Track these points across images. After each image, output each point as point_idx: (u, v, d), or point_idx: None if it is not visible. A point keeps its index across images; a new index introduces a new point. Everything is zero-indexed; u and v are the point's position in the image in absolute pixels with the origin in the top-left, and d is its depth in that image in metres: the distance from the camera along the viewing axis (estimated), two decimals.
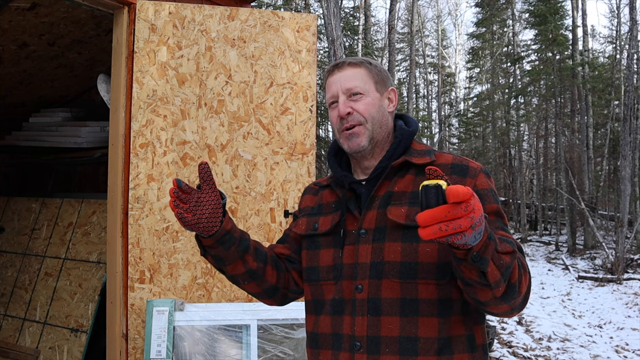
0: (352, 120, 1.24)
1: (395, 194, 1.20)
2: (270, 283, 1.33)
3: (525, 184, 19.82)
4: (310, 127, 3.00)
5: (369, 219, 1.20)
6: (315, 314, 1.27)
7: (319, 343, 1.23)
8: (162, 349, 2.52)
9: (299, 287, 1.38)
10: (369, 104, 1.25)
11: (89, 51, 3.93)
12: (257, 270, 1.30)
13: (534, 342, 5.78)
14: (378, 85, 1.28)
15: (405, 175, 1.22)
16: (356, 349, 1.14)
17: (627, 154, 11.17)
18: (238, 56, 2.91)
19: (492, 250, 0.94)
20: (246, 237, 1.29)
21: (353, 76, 1.26)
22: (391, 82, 1.33)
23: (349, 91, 1.25)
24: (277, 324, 2.68)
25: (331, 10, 7.08)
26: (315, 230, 1.30)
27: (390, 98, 1.30)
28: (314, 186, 1.42)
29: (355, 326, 1.15)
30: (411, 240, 1.14)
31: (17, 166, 4.80)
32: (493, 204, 1.17)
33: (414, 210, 1.15)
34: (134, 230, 2.73)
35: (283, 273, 1.36)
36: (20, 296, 3.60)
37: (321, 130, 18.46)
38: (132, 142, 2.76)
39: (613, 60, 17.83)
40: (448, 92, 28.31)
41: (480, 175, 1.19)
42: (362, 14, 19.47)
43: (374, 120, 1.25)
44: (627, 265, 10.16)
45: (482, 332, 1.19)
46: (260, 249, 1.32)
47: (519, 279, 1.02)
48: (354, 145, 1.24)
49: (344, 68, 1.27)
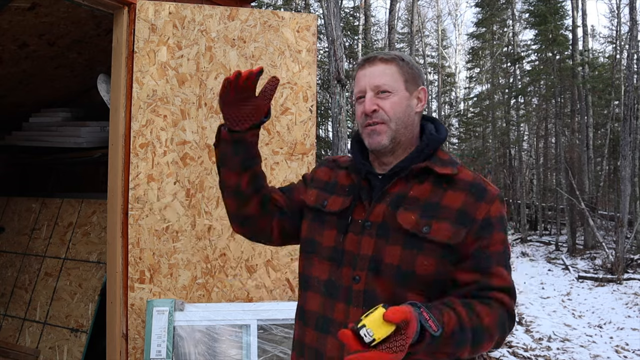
0: (376, 117, 1.23)
1: (409, 198, 1.19)
2: (246, 211, 1.34)
3: (525, 184, 19.82)
4: (310, 127, 3.00)
5: (376, 212, 1.20)
6: (303, 290, 1.29)
7: (306, 320, 1.26)
8: (162, 349, 2.52)
9: (271, 235, 1.39)
10: (396, 103, 1.23)
11: (89, 51, 3.93)
12: (243, 192, 1.32)
13: (534, 342, 5.78)
14: (408, 84, 1.25)
15: (424, 181, 1.21)
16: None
17: (627, 154, 11.17)
18: (238, 56, 2.91)
19: (427, 352, 0.99)
20: (257, 161, 1.32)
21: (383, 72, 1.24)
22: (422, 81, 1.30)
23: (378, 88, 1.23)
24: (277, 324, 2.68)
25: (331, 10, 7.08)
26: (323, 207, 1.29)
27: (419, 97, 1.28)
28: (332, 161, 1.40)
29: (350, 316, 1.17)
30: (412, 248, 1.15)
31: (17, 166, 4.80)
32: (501, 233, 1.19)
33: (424, 221, 1.16)
34: (134, 230, 2.73)
35: (266, 214, 1.36)
36: (20, 296, 3.60)
37: (321, 130, 18.46)
38: (132, 142, 2.76)
39: (613, 60, 17.83)
40: (448, 92, 28.32)
41: (496, 202, 1.20)
42: (362, 14, 19.48)
43: (398, 120, 1.23)
44: (627, 265, 10.16)
45: None
46: (260, 180, 1.34)
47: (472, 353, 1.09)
48: (374, 142, 1.24)
49: (375, 63, 1.25)
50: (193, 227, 2.82)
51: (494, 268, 1.15)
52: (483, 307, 1.10)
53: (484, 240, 1.16)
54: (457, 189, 1.19)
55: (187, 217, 2.81)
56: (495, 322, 1.10)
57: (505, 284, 1.15)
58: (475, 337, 1.06)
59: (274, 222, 1.37)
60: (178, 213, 2.80)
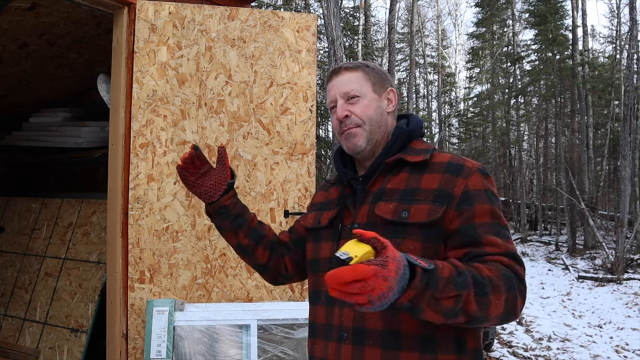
0: (350, 123, 1.27)
1: (387, 190, 1.22)
2: (259, 261, 1.46)
3: (525, 184, 19.82)
4: (310, 127, 3.00)
5: (361, 214, 1.23)
6: (313, 304, 1.32)
7: (316, 332, 1.28)
8: (162, 349, 2.52)
9: (288, 272, 1.49)
10: (366, 105, 1.28)
11: (89, 51, 3.93)
12: (247, 247, 1.44)
13: (534, 342, 5.78)
14: (376, 87, 1.30)
15: (399, 173, 1.23)
16: (343, 340, 1.17)
17: (627, 154, 11.17)
18: (238, 56, 2.91)
19: (429, 298, 0.94)
20: (246, 216, 1.44)
21: (350, 80, 1.29)
22: (390, 83, 1.35)
23: (347, 95, 1.29)
24: (277, 324, 2.68)
25: (331, 10, 7.08)
26: (318, 224, 1.35)
27: (389, 98, 1.33)
28: (326, 183, 1.48)
29: (343, 317, 1.18)
30: (396, 236, 1.15)
31: (17, 166, 4.80)
32: (485, 204, 1.14)
33: (402, 206, 1.16)
34: (134, 230, 2.73)
35: (276, 256, 1.47)
36: (20, 296, 3.60)
37: (321, 130, 18.46)
38: (132, 142, 2.76)
39: (613, 60, 17.83)
40: (448, 92, 28.32)
41: (475, 175, 1.17)
42: (362, 14, 19.48)
43: (371, 121, 1.28)
44: (627, 265, 10.17)
45: (473, 335, 1.16)
46: (258, 229, 1.45)
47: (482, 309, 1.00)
48: (351, 145, 1.28)
49: (341, 73, 1.31)
50: (193, 227, 2.82)
51: (484, 238, 1.11)
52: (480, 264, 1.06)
53: (467, 214, 1.13)
54: (433, 171, 1.20)
55: (187, 217, 2.81)
56: (498, 276, 1.03)
57: (501, 250, 1.09)
58: (478, 285, 0.99)
59: (285, 260, 1.49)
60: (178, 213, 2.80)
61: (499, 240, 1.11)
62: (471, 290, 0.98)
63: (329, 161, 14.03)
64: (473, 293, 0.98)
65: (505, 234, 1.13)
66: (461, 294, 0.97)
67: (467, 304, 0.98)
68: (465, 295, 0.97)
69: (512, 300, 1.04)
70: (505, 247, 1.10)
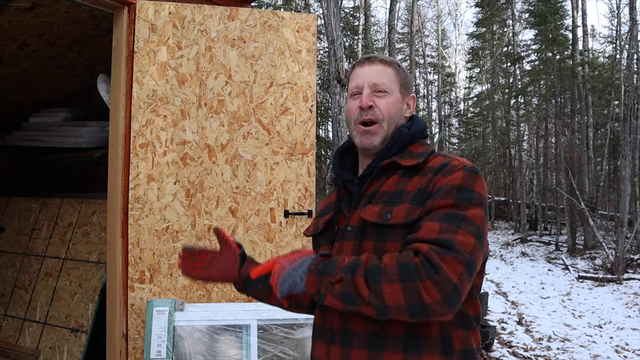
0: (372, 114, 1.25)
1: (378, 193, 1.21)
2: (306, 303, 1.33)
3: (525, 184, 19.81)
4: (310, 127, 3.00)
5: (355, 217, 1.22)
6: (316, 307, 1.32)
7: (314, 333, 1.29)
8: (162, 349, 2.52)
9: None
10: (391, 103, 1.27)
11: (89, 51, 3.93)
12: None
13: (534, 342, 5.78)
14: (402, 89, 1.30)
15: (392, 175, 1.23)
16: (333, 341, 1.18)
17: (627, 154, 11.17)
18: (238, 56, 2.91)
19: (327, 284, 1.07)
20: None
21: (382, 73, 1.28)
22: (412, 89, 1.36)
23: (376, 86, 1.27)
24: (277, 324, 2.68)
25: (331, 10, 7.08)
26: (317, 230, 1.35)
27: (409, 104, 1.33)
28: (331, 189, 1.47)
29: (333, 319, 1.19)
30: (381, 239, 1.15)
31: (17, 166, 4.80)
32: (449, 199, 1.10)
33: (386, 208, 1.16)
34: (134, 230, 2.73)
35: None
36: (20, 296, 3.60)
37: (321, 130, 18.46)
38: (132, 142, 2.76)
39: (613, 60, 17.81)
40: (448, 92, 28.31)
41: (456, 173, 1.14)
42: (362, 14, 19.48)
43: (390, 120, 1.27)
44: (627, 265, 10.16)
45: (461, 336, 1.14)
46: None
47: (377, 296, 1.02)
48: (367, 142, 1.26)
49: (375, 63, 1.29)
50: (193, 227, 2.82)
51: (422, 223, 1.09)
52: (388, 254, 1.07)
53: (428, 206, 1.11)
54: (423, 174, 1.19)
55: (187, 217, 2.81)
56: (394, 264, 1.03)
57: (428, 235, 1.05)
58: (369, 272, 1.03)
59: None
60: (178, 213, 2.80)
61: (434, 226, 1.07)
62: (359, 276, 1.04)
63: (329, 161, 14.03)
64: (363, 279, 1.04)
65: (458, 223, 1.07)
66: (345, 277, 1.05)
67: (359, 289, 1.04)
68: (350, 278, 1.05)
69: (414, 290, 1.00)
70: (436, 233, 1.05)
